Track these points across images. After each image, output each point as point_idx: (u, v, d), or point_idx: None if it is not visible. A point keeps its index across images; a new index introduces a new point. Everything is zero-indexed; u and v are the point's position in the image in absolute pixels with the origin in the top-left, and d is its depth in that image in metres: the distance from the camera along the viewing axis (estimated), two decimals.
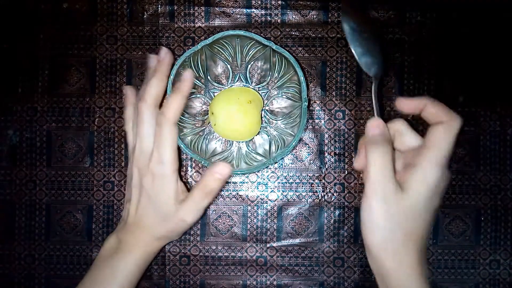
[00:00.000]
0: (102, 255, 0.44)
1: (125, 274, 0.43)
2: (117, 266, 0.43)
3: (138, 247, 0.43)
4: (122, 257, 0.43)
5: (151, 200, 0.42)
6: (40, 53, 0.51)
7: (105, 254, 0.44)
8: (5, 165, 0.51)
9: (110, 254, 0.43)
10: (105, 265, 0.43)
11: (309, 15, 0.51)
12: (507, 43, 0.51)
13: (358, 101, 0.51)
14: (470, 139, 0.51)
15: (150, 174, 0.42)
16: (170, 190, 0.42)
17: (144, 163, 0.42)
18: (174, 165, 0.42)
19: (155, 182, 0.42)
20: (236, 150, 0.49)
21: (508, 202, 0.51)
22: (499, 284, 0.50)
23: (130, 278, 0.43)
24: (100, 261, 0.44)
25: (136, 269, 0.43)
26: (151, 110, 0.42)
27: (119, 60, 0.51)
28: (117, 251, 0.43)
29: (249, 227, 0.51)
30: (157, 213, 0.43)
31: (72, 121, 0.51)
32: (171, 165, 0.42)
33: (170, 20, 0.51)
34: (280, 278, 0.51)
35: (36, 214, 0.51)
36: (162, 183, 0.42)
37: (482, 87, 0.51)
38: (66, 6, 0.51)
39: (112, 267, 0.43)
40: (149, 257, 0.45)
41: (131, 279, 0.43)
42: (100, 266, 0.43)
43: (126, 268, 0.43)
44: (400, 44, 0.51)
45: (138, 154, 0.43)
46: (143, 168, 0.42)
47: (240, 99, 0.46)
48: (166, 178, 0.42)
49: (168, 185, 0.42)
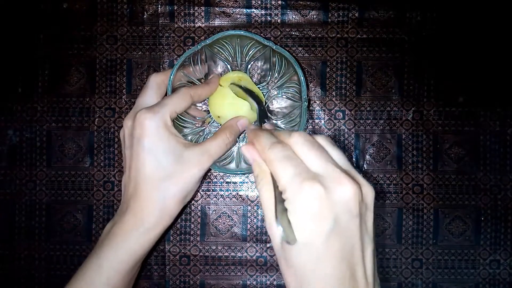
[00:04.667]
0: (98, 241, 0.40)
1: (112, 265, 0.38)
2: (104, 254, 0.39)
3: (128, 232, 0.39)
4: (110, 244, 0.39)
5: (149, 151, 0.38)
6: (40, 53, 0.51)
7: (100, 240, 0.40)
8: (5, 165, 0.51)
9: (102, 241, 0.40)
10: (94, 253, 0.39)
11: (309, 15, 0.51)
12: (507, 43, 0.51)
13: (358, 101, 0.51)
14: (470, 139, 0.51)
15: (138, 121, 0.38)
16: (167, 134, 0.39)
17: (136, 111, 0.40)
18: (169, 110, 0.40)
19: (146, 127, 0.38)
20: (236, 150, 0.49)
21: (508, 202, 0.51)
22: (499, 284, 0.50)
23: (120, 267, 0.39)
24: (95, 248, 0.40)
25: (128, 258, 0.39)
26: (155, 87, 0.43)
27: (119, 60, 0.51)
28: (108, 238, 0.39)
29: (249, 227, 0.51)
30: (158, 169, 0.38)
31: (72, 121, 0.51)
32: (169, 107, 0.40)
33: (170, 20, 0.51)
34: (280, 278, 0.51)
35: (36, 214, 0.51)
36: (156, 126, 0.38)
37: (482, 87, 0.51)
38: (66, 6, 0.51)
39: (98, 257, 0.39)
40: (142, 244, 0.39)
41: (121, 269, 0.39)
42: (90, 255, 0.40)
43: (115, 256, 0.39)
44: (400, 44, 0.51)
45: (133, 109, 0.42)
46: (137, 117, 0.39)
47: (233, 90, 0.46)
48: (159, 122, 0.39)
49: (163, 129, 0.39)
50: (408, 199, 0.51)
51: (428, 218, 0.51)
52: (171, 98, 0.41)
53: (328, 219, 0.28)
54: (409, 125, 0.51)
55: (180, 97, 0.41)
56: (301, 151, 0.30)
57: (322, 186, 0.28)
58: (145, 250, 0.40)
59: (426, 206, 0.51)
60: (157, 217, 0.39)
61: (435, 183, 0.51)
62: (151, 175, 0.38)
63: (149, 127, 0.38)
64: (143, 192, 0.39)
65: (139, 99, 0.43)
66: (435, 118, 0.51)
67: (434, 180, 0.51)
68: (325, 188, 0.28)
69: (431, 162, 0.51)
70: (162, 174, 0.38)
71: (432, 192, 0.51)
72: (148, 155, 0.38)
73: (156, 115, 0.39)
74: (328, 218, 0.28)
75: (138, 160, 0.39)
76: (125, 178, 0.41)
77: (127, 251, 0.39)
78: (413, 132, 0.51)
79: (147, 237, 0.39)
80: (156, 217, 0.39)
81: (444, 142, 0.51)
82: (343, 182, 0.28)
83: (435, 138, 0.51)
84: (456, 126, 0.51)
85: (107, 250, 0.39)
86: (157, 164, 0.38)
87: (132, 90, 0.51)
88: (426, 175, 0.51)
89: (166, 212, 0.39)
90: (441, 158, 0.51)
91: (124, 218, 0.39)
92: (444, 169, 0.51)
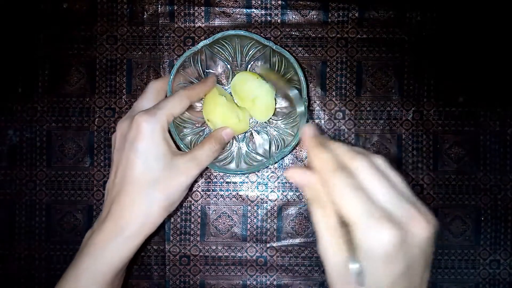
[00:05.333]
0: (77, 253, 0.39)
1: (90, 276, 0.37)
2: (83, 265, 0.37)
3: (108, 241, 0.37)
4: (88, 253, 0.37)
5: (140, 154, 0.37)
6: (40, 53, 0.51)
7: (80, 249, 0.39)
8: (5, 165, 0.51)
9: (82, 250, 0.38)
10: (73, 263, 0.38)
11: (309, 15, 0.51)
12: (507, 43, 0.51)
13: (358, 101, 0.51)
14: (470, 139, 0.51)
15: (136, 123, 0.38)
16: (161, 139, 0.38)
17: (132, 114, 0.40)
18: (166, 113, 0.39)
19: (142, 130, 0.38)
20: (236, 150, 0.49)
21: (508, 202, 0.51)
22: (499, 284, 0.50)
23: (100, 278, 0.37)
24: (75, 257, 0.38)
25: (107, 269, 0.37)
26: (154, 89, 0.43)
27: (119, 60, 0.51)
28: (87, 246, 0.37)
29: (249, 227, 0.51)
30: (146, 173, 0.37)
31: (72, 121, 0.51)
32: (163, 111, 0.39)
33: (170, 20, 0.51)
34: (280, 278, 0.51)
35: (36, 214, 0.51)
36: (152, 130, 0.38)
37: (482, 87, 0.51)
38: (66, 6, 0.51)
39: (76, 267, 0.37)
40: (123, 253, 0.38)
41: (100, 279, 0.37)
42: (70, 265, 0.38)
43: (95, 267, 0.37)
44: (400, 44, 0.51)
45: (129, 112, 0.42)
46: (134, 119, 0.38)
47: (227, 96, 0.46)
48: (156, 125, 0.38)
49: (159, 133, 0.38)
50: None
51: None
52: (168, 101, 0.40)
53: (401, 264, 0.26)
54: (409, 125, 0.51)
55: (177, 99, 0.41)
56: (368, 179, 0.28)
57: (399, 229, 0.26)
58: (124, 262, 0.38)
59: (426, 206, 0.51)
60: (140, 224, 0.37)
61: (435, 183, 0.51)
62: (138, 178, 0.37)
63: (145, 130, 0.38)
64: (127, 197, 0.37)
65: (136, 104, 0.42)
66: (435, 118, 0.51)
67: (434, 180, 0.51)
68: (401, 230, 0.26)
69: (431, 162, 0.51)
70: (149, 178, 0.37)
71: (432, 192, 0.51)
72: (138, 158, 0.37)
73: (153, 118, 0.38)
74: (402, 263, 0.26)
75: (127, 163, 0.38)
76: (109, 183, 0.39)
77: (106, 262, 0.37)
78: (413, 132, 0.51)
79: (127, 247, 0.38)
80: (138, 224, 0.37)
81: (444, 142, 0.51)
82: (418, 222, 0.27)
83: (435, 138, 0.51)
84: (456, 126, 0.51)
85: (86, 260, 0.37)
86: (146, 168, 0.38)
87: (132, 90, 0.51)
88: (426, 175, 0.51)
89: (149, 219, 0.38)
90: (441, 158, 0.51)
91: (103, 226, 0.37)
92: (444, 169, 0.51)
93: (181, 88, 0.43)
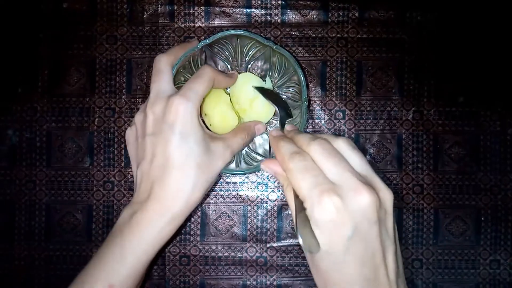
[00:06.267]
0: (115, 230, 0.39)
1: (136, 255, 0.38)
2: (129, 244, 0.38)
3: (154, 221, 0.38)
4: (133, 233, 0.38)
5: (182, 138, 0.38)
6: (40, 53, 0.51)
7: (117, 229, 0.39)
8: (5, 165, 0.51)
9: (122, 230, 0.39)
10: (116, 242, 0.38)
11: (309, 15, 0.51)
12: (507, 43, 0.51)
13: (358, 101, 0.51)
14: (470, 139, 0.51)
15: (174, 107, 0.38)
16: (198, 123, 0.39)
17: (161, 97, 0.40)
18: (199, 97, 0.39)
19: (181, 113, 0.38)
20: None
21: (508, 202, 0.51)
22: (499, 284, 0.50)
23: (144, 258, 0.38)
24: (113, 236, 0.39)
25: (151, 248, 0.39)
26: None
27: (119, 60, 0.51)
28: (130, 226, 0.38)
29: (249, 227, 0.51)
30: (189, 157, 0.38)
31: (72, 121, 0.51)
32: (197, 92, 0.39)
33: (170, 20, 0.51)
34: (280, 278, 0.51)
35: (36, 214, 0.51)
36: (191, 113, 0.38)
37: (482, 87, 0.51)
38: (66, 6, 0.51)
39: (122, 247, 0.38)
40: (165, 234, 0.39)
41: (144, 259, 0.39)
42: (110, 244, 0.39)
43: (140, 247, 0.38)
44: (400, 44, 0.51)
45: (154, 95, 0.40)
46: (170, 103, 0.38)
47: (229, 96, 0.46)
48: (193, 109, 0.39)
49: (196, 117, 0.39)
50: (408, 199, 0.51)
51: (428, 218, 0.51)
52: (199, 83, 0.40)
53: (347, 227, 0.29)
54: (409, 125, 0.51)
55: (207, 81, 0.41)
56: (319, 159, 0.31)
57: (340, 196, 0.29)
58: (164, 241, 0.39)
59: (426, 206, 0.51)
60: (184, 206, 0.38)
61: (435, 183, 0.51)
62: (183, 162, 0.38)
63: (184, 113, 0.38)
64: (172, 179, 0.38)
65: (157, 85, 0.41)
66: (435, 118, 0.51)
67: (434, 180, 0.51)
68: (343, 198, 0.29)
69: (431, 162, 0.51)
70: (193, 162, 0.38)
71: (432, 192, 0.51)
72: (181, 142, 0.38)
73: (190, 102, 0.38)
74: (347, 226, 0.29)
75: (169, 146, 0.38)
76: (145, 165, 0.39)
77: (150, 242, 0.38)
78: (413, 132, 0.51)
79: (169, 228, 0.39)
80: (182, 205, 0.38)
81: (444, 142, 0.51)
82: (360, 191, 0.30)
83: (435, 138, 0.51)
84: (456, 126, 0.51)
85: (131, 239, 0.38)
86: (189, 152, 0.38)
87: (132, 90, 0.51)
88: (426, 175, 0.51)
89: (191, 201, 0.39)
90: (441, 158, 0.51)
91: (146, 206, 0.38)
92: (444, 169, 0.51)
93: (208, 67, 0.42)
